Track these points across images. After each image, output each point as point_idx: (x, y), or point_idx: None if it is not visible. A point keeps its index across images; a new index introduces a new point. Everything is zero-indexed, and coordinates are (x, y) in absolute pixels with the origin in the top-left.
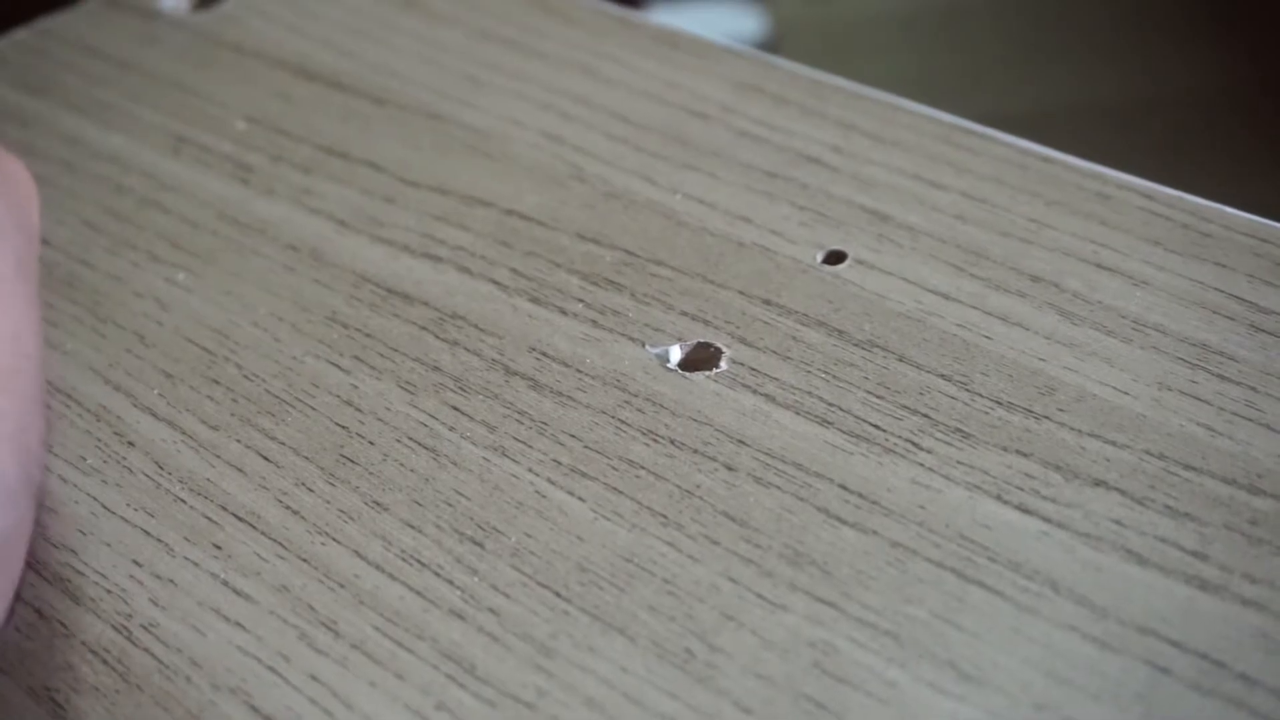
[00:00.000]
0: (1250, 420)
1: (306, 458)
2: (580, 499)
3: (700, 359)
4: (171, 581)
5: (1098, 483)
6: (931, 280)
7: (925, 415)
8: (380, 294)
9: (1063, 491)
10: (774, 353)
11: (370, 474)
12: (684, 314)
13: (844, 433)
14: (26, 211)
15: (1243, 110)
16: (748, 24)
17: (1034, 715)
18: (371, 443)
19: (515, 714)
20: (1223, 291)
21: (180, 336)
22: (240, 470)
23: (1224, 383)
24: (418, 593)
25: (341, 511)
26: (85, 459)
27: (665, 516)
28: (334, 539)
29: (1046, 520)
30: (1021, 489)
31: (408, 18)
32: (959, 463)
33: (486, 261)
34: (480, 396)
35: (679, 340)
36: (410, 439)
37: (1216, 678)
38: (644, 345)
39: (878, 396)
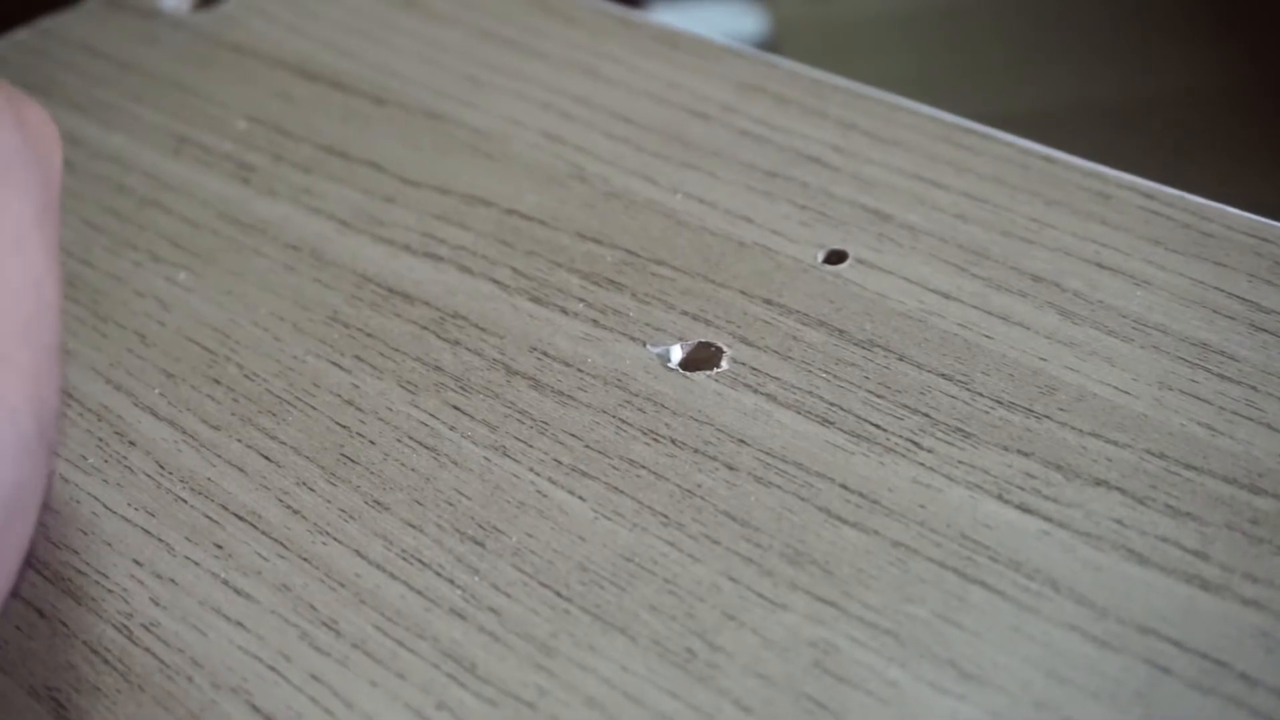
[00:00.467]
0: (1251, 420)
1: (307, 457)
2: (581, 498)
3: (701, 358)
4: (172, 581)
5: (1098, 482)
6: (932, 280)
7: (926, 415)
8: (381, 293)
9: (1064, 491)
10: (775, 352)
11: (371, 473)
12: (685, 313)
13: (845, 432)
14: (50, 160)
15: (1243, 110)
16: (748, 24)
17: (1034, 714)
18: (372, 442)
19: (516, 713)
20: (1223, 291)
21: (181, 336)
22: (241, 470)
23: (1225, 382)
24: (419, 592)
25: (342, 511)
26: (86, 458)
27: (666, 516)
28: (335, 538)
29: (1047, 520)
30: (1022, 488)
31: (408, 18)
32: (960, 462)
33: (487, 261)
34: (481, 396)
35: (680, 340)
36: (411, 438)
37: (1217, 677)
38: (645, 345)
39: (879, 396)
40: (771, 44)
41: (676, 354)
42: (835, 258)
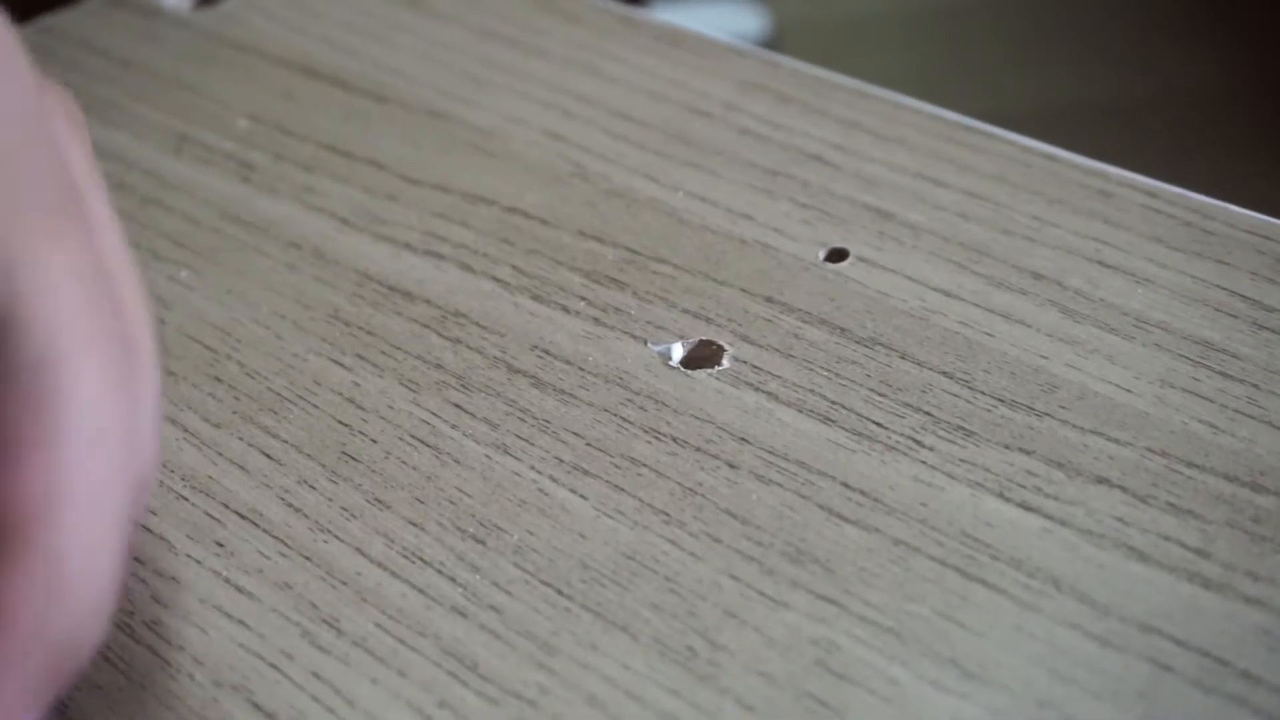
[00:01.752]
0: (1253, 418)
1: (309, 455)
2: (582, 497)
3: (702, 357)
4: (174, 579)
5: (1100, 480)
6: (934, 278)
7: (927, 413)
8: (382, 292)
9: (1065, 489)
10: (776, 350)
11: (372, 472)
12: (686, 312)
13: (846, 430)
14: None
15: (1246, 107)
16: (750, 22)
17: (1036, 713)
18: (374, 440)
19: (517, 711)
20: (1225, 289)
21: (182, 334)
22: (242, 468)
23: (1227, 380)
24: (420, 590)
25: (344, 509)
26: None
27: (667, 514)
28: (336, 536)
29: (1049, 518)
30: (1024, 486)
31: (410, 16)
32: (961, 460)
33: (489, 259)
34: (482, 394)
35: (681, 338)
36: (412, 436)
37: (1219, 676)
38: (646, 343)
39: (880, 394)
40: (773, 42)
41: (678, 352)
42: (836, 256)
